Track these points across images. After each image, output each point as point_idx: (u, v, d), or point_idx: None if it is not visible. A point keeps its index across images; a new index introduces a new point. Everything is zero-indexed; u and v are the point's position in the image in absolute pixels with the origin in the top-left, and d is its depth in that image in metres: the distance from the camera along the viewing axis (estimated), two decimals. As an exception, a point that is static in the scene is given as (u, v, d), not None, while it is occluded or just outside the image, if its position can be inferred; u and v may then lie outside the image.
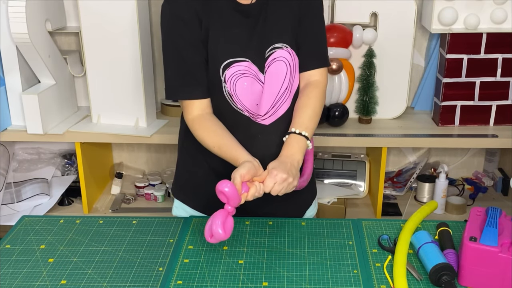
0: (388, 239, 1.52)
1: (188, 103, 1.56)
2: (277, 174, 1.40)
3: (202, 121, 1.55)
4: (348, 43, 2.40)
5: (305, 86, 1.61)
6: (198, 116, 1.55)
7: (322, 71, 1.62)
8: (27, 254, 1.48)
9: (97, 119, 2.43)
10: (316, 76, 1.61)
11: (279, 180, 1.40)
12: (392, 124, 2.46)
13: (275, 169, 1.41)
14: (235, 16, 1.50)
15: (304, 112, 1.56)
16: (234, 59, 1.50)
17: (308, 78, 1.61)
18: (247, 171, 1.38)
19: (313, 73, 1.61)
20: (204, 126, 1.54)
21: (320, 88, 1.60)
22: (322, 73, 1.62)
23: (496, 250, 1.28)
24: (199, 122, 1.55)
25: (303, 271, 1.38)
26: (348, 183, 2.62)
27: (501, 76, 2.36)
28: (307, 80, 1.61)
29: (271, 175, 1.41)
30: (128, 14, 2.23)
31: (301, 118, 1.55)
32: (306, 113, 1.55)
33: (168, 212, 2.47)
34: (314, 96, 1.58)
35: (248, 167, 1.39)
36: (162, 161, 2.80)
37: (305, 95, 1.58)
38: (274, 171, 1.41)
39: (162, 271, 1.40)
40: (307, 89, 1.59)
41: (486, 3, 2.31)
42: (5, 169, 2.60)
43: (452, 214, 2.49)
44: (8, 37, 2.25)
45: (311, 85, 1.60)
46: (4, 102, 2.38)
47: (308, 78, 1.61)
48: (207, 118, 1.55)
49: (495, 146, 2.48)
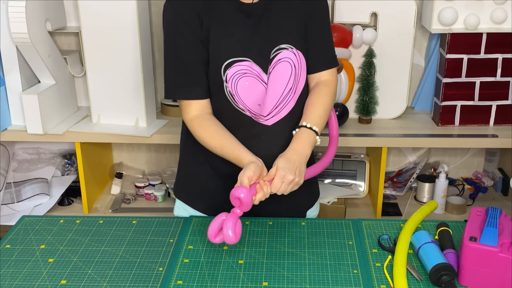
0: (388, 239, 1.52)
1: (186, 103, 1.56)
2: (285, 176, 1.41)
3: (202, 121, 1.55)
4: (348, 43, 2.40)
5: (315, 85, 1.62)
6: (197, 116, 1.55)
7: (332, 71, 1.64)
8: (27, 254, 1.48)
9: (97, 119, 2.43)
10: (326, 76, 1.63)
11: (287, 181, 1.41)
12: (392, 124, 2.46)
13: (283, 169, 1.41)
14: (237, 15, 1.50)
15: (315, 109, 1.56)
16: (235, 58, 1.50)
17: (319, 78, 1.62)
18: (253, 173, 1.39)
19: (323, 74, 1.63)
20: (204, 126, 1.54)
21: (331, 87, 1.62)
22: (332, 73, 1.64)
23: (496, 250, 1.28)
24: (198, 122, 1.55)
25: (303, 271, 1.38)
26: (348, 183, 2.62)
27: (501, 76, 2.36)
28: (317, 80, 1.62)
29: (279, 175, 1.41)
30: (128, 14, 2.23)
31: (312, 114, 1.55)
32: (317, 110, 1.56)
33: (168, 212, 2.48)
34: (325, 94, 1.59)
35: (254, 168, 1.40)
36: (162, 161, 2.80)
37: (316, 93, 1.59)
38: (282, 172, 1.41)
39: (162, 271, 1.40)
40: (318, 87, 1.60)
41: (486, 3, 2.31)
42: (5, 169, 2.60)
43: (452, 214, 2.49)
44: (8, 37, 2.25)
45: (322, 83, 1.61)
46: (4, 102, 2.38)
47: (319, 78, 1.62)
48: (206, 118, 1.55)
49: (495, 146, 2.48)
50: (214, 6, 1.49)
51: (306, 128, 1.53)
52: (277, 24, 1.53)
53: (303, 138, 1.52)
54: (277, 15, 1.53)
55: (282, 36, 1.53)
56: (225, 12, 1.50)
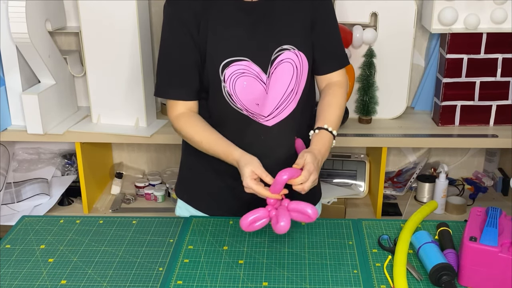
0: (388, 239, 1.52)
1: (172, 102, 1.56)
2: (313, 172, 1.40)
3: (187, 118, 1.55)
4: (348, 43, 2.40)
5: (328, 85, 1.62)
6: (183, 113, 1.55)
7: (342, 72, 1.64)
8: (27, 254, 1.48)
9: (97, 119, 2.43)
10: (338, 77, 1.63)
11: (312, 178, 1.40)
12: (392, 124, 2.46)
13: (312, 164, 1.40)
14: (237, 15, 1.50)
15: (333, 110, 1.56)
16: (233, 58, 1.49)
17: (330, 79, 1.62)
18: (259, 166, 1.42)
19: (334, 74, 1.62)
20: (190, 122, 1.54)
21: (344, 89, 1.62)
22: (342, 73, 1.64)
23: (496, 250, 1.28)
24: (184, 119, 1.55)
25: (303, 271, 1.38)
26: (348, 183, 2.62)
27: (501, 76, 2.36)
28: (328, 80, 1.62)
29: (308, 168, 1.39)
30: (128, 14, 2.23)
31: (330, 116, 1.55)
32: (334, 112, 1.56)
33: (168, 212, 2.48)
34: (339, 95, 1.60)
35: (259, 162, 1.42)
36: (162, 161, 2.80)
37: (331, 94, 1.59)
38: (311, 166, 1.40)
39: (162, 271, 1.40)
40: (332, 88, 1.60)
41: (486, 3, 2.31)
42: (5, 169, 2.59)
43: (452, 214, 2.49)
44: (8, 37, 2.25)
45: (335, 85, 1.61)
46: (4, 102, 2.38)
47: (330, 79, 1.62)
48: (192, 116, 1.55)
49: (495, 146, 2.48)
50: (213, 6, 1.49)
51: (327, 131, 1.52)
52: (279, 25, 1.52)
53: (325, 141, 1.51)
54: (280, 15, 1.52)
55: (285, 36, 1.52)
56: (225, 11, 1.50)
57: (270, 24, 1.51)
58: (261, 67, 1.51)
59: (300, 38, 1.54)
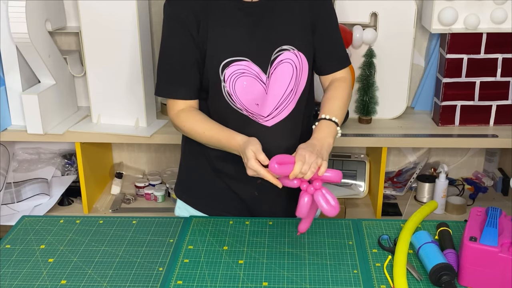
0: (388, 239, 1.52)
1: (172, 101, 1.56)
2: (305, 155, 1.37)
3: (187, 112, 1.55)
4: (348, 43, 2.40)
5: (331, 81, 1.63)
6: (183, 109, 1.55)
7: (345, 70, 1.64)
8: (27, 254, 1.48)
9: (97, 119, 2.43)
10: (341, 74, 1.64)
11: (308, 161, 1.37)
12: (392, 124, 2.46)
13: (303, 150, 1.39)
14: (237, 15, 1.50)
15: (332, 101, 1.56)
16: (233, 58, 1.49)
17: (333, 77, 1.63)
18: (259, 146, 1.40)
19: (337, 72, 1.64)
20: (190, 115, 1.54)
21: (347, 83, 1.63)
22: (345, 71, 1.64)
23: (496, 250, 1.28)
24: (184, 113, 1.54)
25: (303, 271, 1.38)
26: (348, 183, 2.62)
27: (501, 76, 2.36)
28: (331, 78, 1.63)
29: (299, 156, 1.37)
30: (128, 14, 2.23)
31: (330, 107, 1.55)
32: (335, 103, 1.56)
33: (168, 212, 2.48)
34: (342, 89, 1.60)
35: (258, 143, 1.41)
36: (162, 161, 2.80)
37: (332, 88, 1.60)
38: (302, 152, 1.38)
39: (162, 271, 1.40)
40: (334, 83, 1.61)
41: (486, 3, 2.31)
42: (5, 169, 2.59)
43: (452, 214, 2.49)
44: (8, 37, 2.25)
45: (338, 80, 1.62)
46: (4, 102, 2.38)
47: (333, 76, 1.63)
48: (192, 110, 1.55)
49: (495, 146, 2.48)
50: (213, 6, 1.49)
51: (325, 120, 1.52)
52: (279, 25, 1.52)
53: (323, 128, 1.50)
54: (280, 16, 1.52)
55: (284, 37, 1.52)
56: (225, 11, 1.50)
57: (270, 25, 1.51)
58: (260, 67, 1.51)
59: (299, 39, 1.54)
